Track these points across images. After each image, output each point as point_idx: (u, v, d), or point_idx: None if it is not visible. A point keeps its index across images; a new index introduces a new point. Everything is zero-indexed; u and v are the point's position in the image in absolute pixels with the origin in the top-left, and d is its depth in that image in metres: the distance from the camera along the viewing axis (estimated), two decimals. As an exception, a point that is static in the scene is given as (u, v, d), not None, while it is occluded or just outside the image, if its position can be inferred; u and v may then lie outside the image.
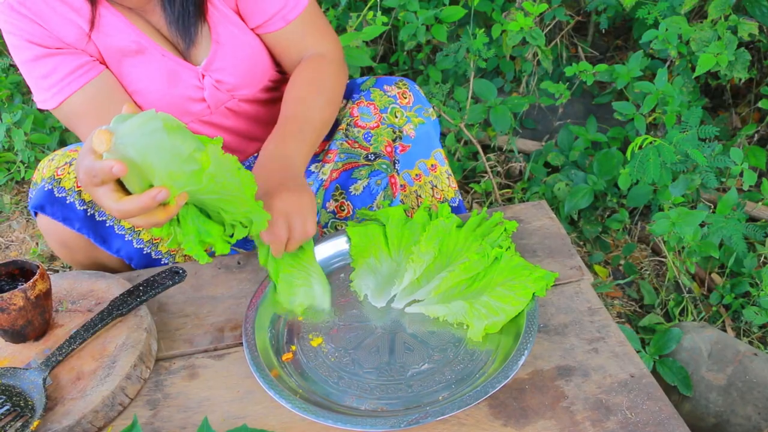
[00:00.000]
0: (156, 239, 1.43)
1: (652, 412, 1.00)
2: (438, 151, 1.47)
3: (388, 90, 1.44)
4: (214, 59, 1.36)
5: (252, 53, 1.39)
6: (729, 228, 1.69)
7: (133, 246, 1.41)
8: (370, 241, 1.28)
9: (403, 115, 1.43)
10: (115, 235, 1.40)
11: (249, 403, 1.05)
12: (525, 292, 1.12)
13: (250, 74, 1.41)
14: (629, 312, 1.85)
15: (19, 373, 1.05)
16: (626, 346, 1.11)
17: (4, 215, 2.29)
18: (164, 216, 0.94)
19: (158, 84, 1.35)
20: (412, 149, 1.45)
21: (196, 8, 1.30)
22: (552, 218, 1.41)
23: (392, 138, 1.45)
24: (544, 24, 2.37)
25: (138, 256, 1.43)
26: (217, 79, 1.38)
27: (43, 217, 1.37)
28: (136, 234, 1.40)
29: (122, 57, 1.33)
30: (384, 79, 1.47)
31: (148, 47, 1.33)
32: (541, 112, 2.46)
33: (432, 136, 1.46)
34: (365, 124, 1.44)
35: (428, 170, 1.47)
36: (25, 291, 1.08)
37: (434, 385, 1.04)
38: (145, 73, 1.34)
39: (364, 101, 1.45)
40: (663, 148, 1.69)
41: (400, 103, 1.43)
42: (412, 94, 1.45)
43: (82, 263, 1.48)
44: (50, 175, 1.35)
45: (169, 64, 1.35)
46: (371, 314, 1.19)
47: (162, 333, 1.20)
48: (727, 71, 1.87)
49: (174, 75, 1.36)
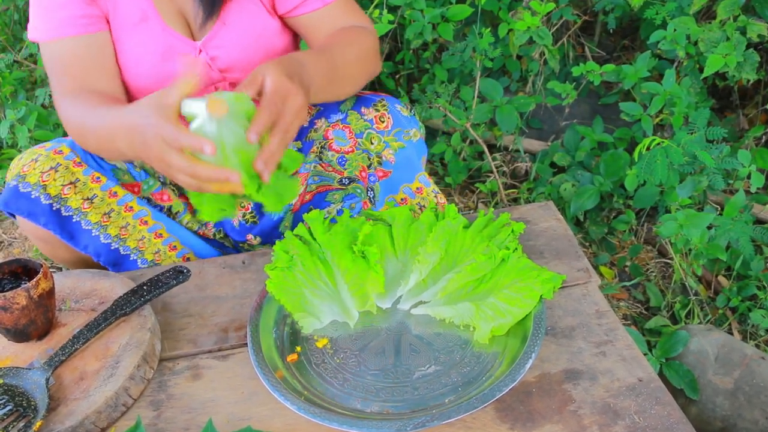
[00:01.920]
0: (124, 234, 1.41)
1: (661, 417, 0.99)
2: (422, 174, 1.41)
3: (366, 113, 1.38)
4: (214, 37, 1.35)
5: (256, 40, 1.37)
6: (736, 230, 1.68)
7: (101, 241, 1.39)
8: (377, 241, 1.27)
9: (380, 141, 1.37)
10: (82, 231, 1.37)
11: (253, 405, 1.05)
12: (532, 294, 1.10)
13: (247, 60, 1.38)
14: (635, 314, 1.84)
15: (22, 373, 1.04)
16: (634, 349, 1.10)
17: (8, 212, 2.29)
18: (228, 189, 1.01)
19: (151, 56, 1.34)
20: (394, 174, 1.40)
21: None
22: (559, 219, 1.39)
23: (367, 164, 1.41)
24: (551, 23, 2.35)
25: (106, 251, 1.41)
26: (212, 56, 1.36)
27: (19, 217, 1.36)
28: (103, 229, 1.38)
29: (123, 24, 1.32)
30: (364, 99, 1.41)
31: (150, 18, 1.32)
32: (547, 111, 2.45)
33: (414, 160, 1.39)
34: (340, 147, 1.41)
35: (414, 193, 1.42)
36: (29, 290, 1.07)
37: (440, 388, 1.03)
38: (141, 44, 1.33)
39: (340, 125, 1.40)
40: (671, 149, 1.67)
41: (376, 128, 1.37)
42: (391, 117, 1.37)
43: (67, 259, 1.46)
44: (17, 173, 1.33)
45: (168, 39, 1.34)
46: (377, 315, 1.18)
47: (166, 333, 1.19)
48: (736, 72, 1.85)
49: (169, 50, 1.34)
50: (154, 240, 1.43)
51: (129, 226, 1.40)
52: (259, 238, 1.53)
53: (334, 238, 1.23)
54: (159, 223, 1.43)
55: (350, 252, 1.21)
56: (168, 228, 1.44)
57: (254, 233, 1.53)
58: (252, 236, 1.53)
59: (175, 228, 1.45)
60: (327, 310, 1.17)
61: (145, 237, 1.42)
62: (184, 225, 1.50)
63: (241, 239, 1.54)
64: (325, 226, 1.26)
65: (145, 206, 1.42)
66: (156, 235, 1.43)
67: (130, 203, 1.40)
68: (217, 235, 1.57)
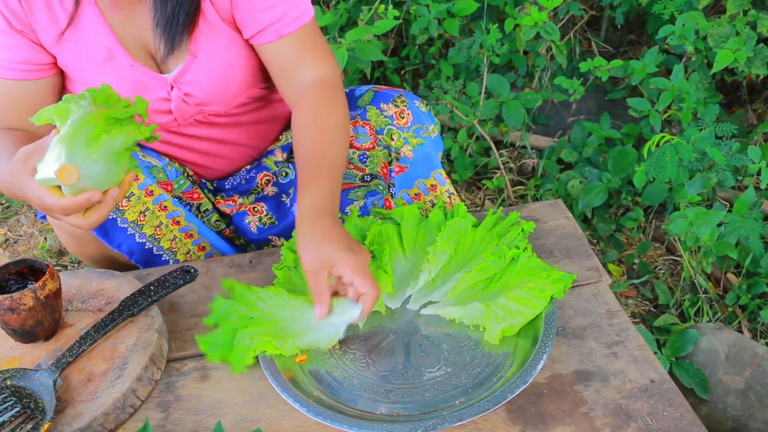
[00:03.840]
0: (159, 234, 1.41)
1: (674, 418, 0.98)
2: (438, 171, 1.41)
3: (385, 109, 1.36)
4: (186, 71, 1.31)
5: (230, 70, 1.33)
6: (746, 227, 1.67)
7: (135, 240, 1.39)
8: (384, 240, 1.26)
9: (400, 137, 1.36)
10: (117, 228, 1.37)
11: (262, 406, 1.04)
12: (543, 294, 1.09)
13: (223, 92, 1.35)
14: (643, 312, 1.83)
15: (30, 374, 1.03)
16: (646, 350, 1.09)
17: (13, 209, 2.28)
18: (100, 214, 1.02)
19: (122, 94, 1.32)
20: (410, 170, 1.39)
21: (186, 17, 1.26)
22: (568, 218, 1.38)
23: (388, 160, 1.40)
24: (557, 18, 2.34)
25: (139, 250, 1.41)
26: (185, 92, 1.33)
27: None
28: (139, 228, 1.38)
29: (90, 64, 1.30)
30: (382, 94, 1.39)
31: (117, 56, 1.29)
32: (554, 107, 2.44)
33: (432, 156, 1.39)
34: (360, 145, 1.40)
35: (428, 190, 1.41)
36: (35, 291, 1.06)
37: (451, 390, 1.02)
38: (110, 83, 1.31)
39: (360, 121, 1.38)
40: (680, 146, 1.66)
41: (396, 123, 1.36)
42: (410, 113, 1.36)
43: (93, 257, 1.46)
44: None
45: (137, 75, 1.31)
46: (386, 316, 1.17)
47: (173, 333, 1.18)
48: (745, 68, 1.84)
49: (140, 86, 1.32)
50: (184, 240, 1.43)
51: (162, 225, 1.39)
52: (282, 239, 1.51)
53: None
54: (191, 225, 1.42)
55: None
56: (200, 231, 1.44)
57: (276, 233, 1.51)
58: (275, 237, 1.51)
59: (205, 231, 1.45)
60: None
61: (176, 237, 1.42)
62: (211, 225, 1.50)
63: (264, 241, 1.53)
64: None
65: (178, 206, 1.41)
66: (186, 235, 1.43)
67: (165, 203, 1.38)
68: (238, 241, 1.57)
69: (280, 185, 1.54)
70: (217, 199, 1.54)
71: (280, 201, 1.52)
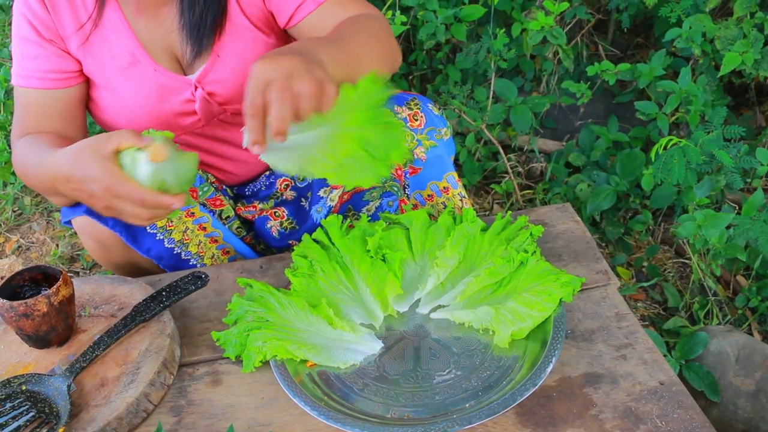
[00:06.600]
0: (187, 239, 1.42)
1: (683, 420, 0.98)
2: (450, 174, 1.41)
3: (399, 112, 1.37)
4: (209, 71, 1.33)
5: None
6: (755, 230, 1.66)
7: (164, 246, 1.41)
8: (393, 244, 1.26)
9: (413, 138, 1.37)
10: (146, 234, 1.39)
11: (274, 410, 1.05)
12: (552, 297, 1.10)
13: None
14: (653, 314, 1.83)
15: (44, 379, 1.05)
16: (655, 352, 1.09)
17: (25, 216, 2.30)
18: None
19: (146, 99, 1.34)
20: (424, 172, 1.40)
21: (214, 20, 1.28)
22: (577, 221, 1.39)
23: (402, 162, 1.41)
24: (564, 22, 2.34)
25: (168, 255, 1.42)
26: (209, 91, 1.35)
27: (79, 217, 1.37)
28: (168, 233, 1.40)
29: (114, 69, 1.32)
30: (396, 97, 1.39)
31: (141, 61, 1.31)
32: (561, 111, 2.44)
33: (444, 158, 1.40)
34: None
35: (440, 192, 1.42)
36: (49, 297, 1.07)
37: (461, 393, 1.03)
38: (134, 88, 1.33)
39: None
40: (688, 149, 1.66)
41: (410, 126, 1.36)
42: (423, 116, 1.37)
43: (117, 263, 1.48)
44: None
45: (160, 79, 1.33)
46: (396, 320, 1.17)
47: (185, 339, 1.19)
48: (753, 70, 1.83)
49: (164, 90, 1.34)
50: (209, 244, 1.45)
51: (188, 230, 1.41)
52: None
53: (352, 242, 1.23)
54: (216, 231, 1.44)
55: (369, 256, 1.21)
56: (225, 237, 1.45)
57: (297, 238, 1.52)
58: (296, 242, 1.52)
59: (230, 237, 1.46)
60: (352, 314, 1.17)
61: (202, 242, 1.44)
62: (233, 232, 1.51)
63: (284, 246, 1.54)
64: (342, 231, 1.26)
65: (205, 213, 1.42)
66: (212, 240, 1.45)
67: (193, 209, 1.40)
68: (258, 248, 1.58)
69: (298, 189, 1.56)
70: (237, 206, 1.56)
71: (299, 205, 1.54)
